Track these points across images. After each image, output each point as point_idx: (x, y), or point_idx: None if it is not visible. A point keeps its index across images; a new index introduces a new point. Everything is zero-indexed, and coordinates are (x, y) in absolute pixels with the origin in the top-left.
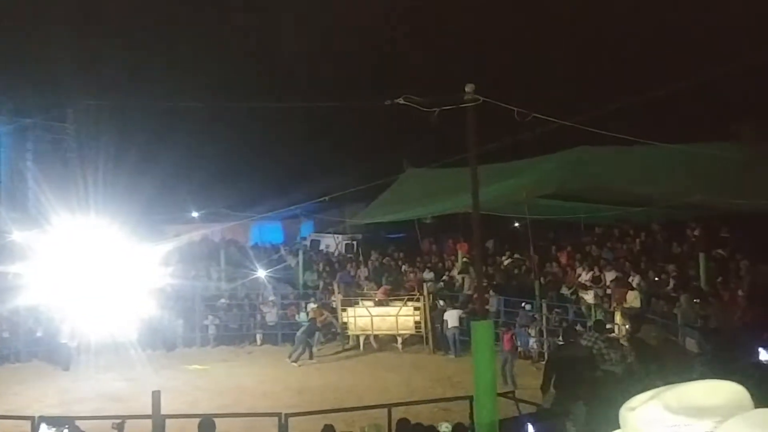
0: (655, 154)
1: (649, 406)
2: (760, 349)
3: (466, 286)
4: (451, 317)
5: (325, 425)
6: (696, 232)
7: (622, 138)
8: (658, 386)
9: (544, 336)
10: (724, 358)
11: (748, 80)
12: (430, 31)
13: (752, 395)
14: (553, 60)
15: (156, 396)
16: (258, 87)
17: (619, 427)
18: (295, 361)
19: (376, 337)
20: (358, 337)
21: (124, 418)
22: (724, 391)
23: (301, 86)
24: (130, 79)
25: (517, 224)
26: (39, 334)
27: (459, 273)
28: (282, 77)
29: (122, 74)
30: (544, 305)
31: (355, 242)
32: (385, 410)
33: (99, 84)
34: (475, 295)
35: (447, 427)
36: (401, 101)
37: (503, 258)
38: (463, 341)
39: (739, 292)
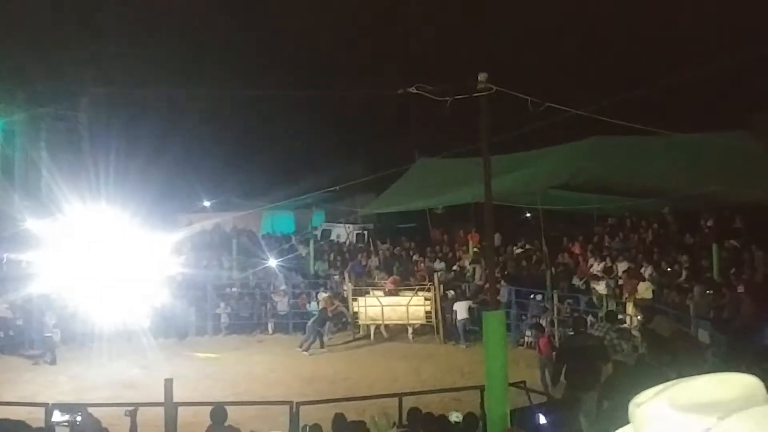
0: (669, 144)
1: (654, 402)
2: None
3: (477, 276)
4: (460, 308)
5: (336, 414)
6: (709, 223)
7: (635, 128)
8: (670, 378)
9: (555, 326)
10: (737, 349)
11: (763, 70)
12: (443, 20)
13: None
14: (567, 49)
15: (168, 384)
16: (270, 75)
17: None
18: (306, 350)
19: (386, 326)
20: (368, 326)
21: (137, 405)
22: (736, 384)
23: (313, 75)
24: (142, 69)
25: (528, 215)
26: (52, 321)
27: (470, 263)
28: (294, 66)
29: (134, 63)
30: (555, 296)
31: (366, 232)
32: (396, 399)
33: (111, 73)
34: (487, 286)
35: (458, 417)
36: (413, 90)
37: (514, 248)
38: (473, 331)
39: (740, 288)
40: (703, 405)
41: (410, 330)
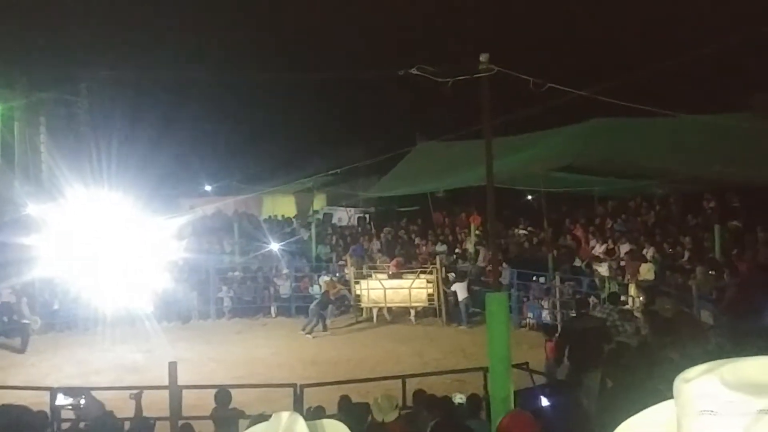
0: (671, 125)
1: (704, 379)
2: None
3: (480, 258)
4: (460, 288)
5: (342, 396)
6: (711, 204)
7: (637, 109)
8: (672, 359)
9: (557, 308)
10: (739, 329)
11: (764, 50)
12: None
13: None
14: (569, 30)
15: (172, 367)
16: (271, 59)
17: (638, 401)
18: (309, 333)
19: (389, 309)
20: (371, 309)
21: (142, 388)
22: None
23: (314, 58)
24: (143, 53)
25: (530, 197)
26: (55, 306)
27: (474, 245)
28: (295, 49)
29: (135, 48)
30: (557, 278)
31: (367, 215)
32: (399, 381)
33: (112, 58)
34: (489, 268)
35: (461, 398)
36: (414, 71)
37: (516, 230)
38: (476, 313)
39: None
40: (755, 386)
41: (412, 312)
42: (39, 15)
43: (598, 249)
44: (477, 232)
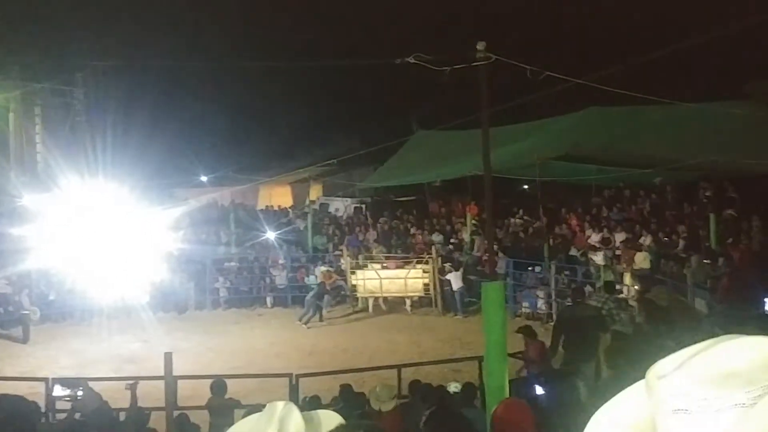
0: (668, 113)
1: (675, 378)
2: (766, 300)
3: (476, 247)
4: (455, 278)
5: (342, 385)
6: (707, 193)
7: (634, 97)
8: (668, 347)
9: (553, 297)
10: (733, 316)
11: (760, 38)
12: None
13: None
14: (566, 18)
15: (168, 357)
16: (267, 48)
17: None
18: (305, 324)
19: (385, 299)
20: (367, 299)
21: (137, 379)
22: (755, 349)
23: (310, 47)
24: (138, 43)
25: (526, 186)
26: (51, 297)
27: (470, 235)
28: (291, 38)
29: (130, 38)
30: (553, 267)
31: (363, 205)
32: (395, 371)
33: (107, 48)
34: (485, 257)
35: (456, 387)
36: (412, 60)
37: (512, 219)
38: (472, 302)
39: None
40: (726, 376)
41: (408, 302)
42: (34, 4)
43: (594, 238)
44: (473, 221)
